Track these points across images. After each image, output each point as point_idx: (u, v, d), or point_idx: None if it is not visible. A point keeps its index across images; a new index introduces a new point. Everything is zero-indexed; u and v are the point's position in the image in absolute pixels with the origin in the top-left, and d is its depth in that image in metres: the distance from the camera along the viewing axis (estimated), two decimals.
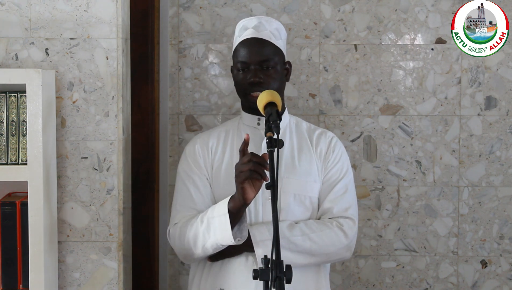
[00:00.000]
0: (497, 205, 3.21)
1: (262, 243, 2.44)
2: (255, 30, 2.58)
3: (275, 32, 2.60)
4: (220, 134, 2.64)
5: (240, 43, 2.59)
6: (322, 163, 2.59)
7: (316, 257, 2.50)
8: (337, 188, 2.57)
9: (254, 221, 2.51)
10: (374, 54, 3.17)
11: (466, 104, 3.19)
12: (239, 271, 2.48)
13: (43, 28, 2.56)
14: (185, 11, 3.17)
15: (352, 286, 3.24)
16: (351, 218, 2.54)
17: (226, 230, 2.37)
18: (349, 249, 2.54)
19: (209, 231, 2.41)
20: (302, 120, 2.73)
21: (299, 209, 2.54)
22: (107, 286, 2.60)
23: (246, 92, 2.55)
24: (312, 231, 2.49)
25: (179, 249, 2.53)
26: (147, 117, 3.03)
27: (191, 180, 2.57)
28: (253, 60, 2.54)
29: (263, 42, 2.57)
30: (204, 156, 2.59)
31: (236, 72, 2.58)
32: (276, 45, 2.58)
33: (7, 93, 2.44)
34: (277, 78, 2.56)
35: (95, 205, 2.59)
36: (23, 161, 2.44)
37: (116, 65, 2.57)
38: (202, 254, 2.47)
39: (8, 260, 2.47)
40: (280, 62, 2.58)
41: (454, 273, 3.23)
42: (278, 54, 2.58)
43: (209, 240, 2.42)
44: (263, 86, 2.51)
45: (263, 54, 2.55)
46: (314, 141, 2.63)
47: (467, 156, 3.20)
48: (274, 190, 2.06)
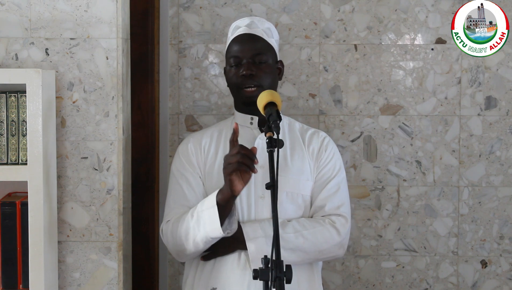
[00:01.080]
0: (497, 205, 3.21)
1: (255, 240, 2.45)
2: (248, 27, 2.62)
3: (267, 31, 2.64)
4: (213, 134, 2.66)
5: (233, 40, 2.63)
6: (314, 162, 2.61)
7: (309, 254, 2.50)
8: (329, 186, 2.58)
9: (247, 219, 2.53)
10: (374, 54, 3.17)
11: (466, 104, 3.19)
12: (232, 270, 2.49)
13: (43, 28, 2.56)
14: (185, 11, 3.17)
15: (352, 286, 3.24)
16: (344, 216, 2.55)
17: (215, 222, 2.38)
18: (342, 247, 2.55)
19: (199, 224, 2.42)
20: (295, 120, 2.75)
21: (292, 207, 2.55)
22: (107, 286, 2.60)
23: (239, 87, 2.58)
24: (304, 229, 2.50)
25: (172, 245, 2.53)
26: (147, 117, 3.03)
27: (184, 178, 2.58)
28: (245, 54, 2.57)
29: (256, 38, 2.61)
30: (197, 154, 2.61)
31: (229, 68, 2.62)
32: (268, 42, 2.61)
33: (7, 93, 2.44)
34: (269, 73, 2.58)
35: (95, 205, 2.59)
36: (23, 161, 2.44)
37: (116, 65, 2.57)
38: (194, 249, 2.48)
39: (8, 260, 2.47)
40: (272, 58, 2.61)
41: (454, 273, 3.23)
42: (270, 50, 2.62)
43: (199, 233, 2.43)
44: (256, 79, 2.54)
45: (255, 47, 2.58)
46: (307, 141, 2.64)
47: (467, 156, 3.20)
48: (274, 190, 2.07)
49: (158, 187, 3.15)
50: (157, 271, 3.17)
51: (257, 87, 2.55)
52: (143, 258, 3.03)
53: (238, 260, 2.50)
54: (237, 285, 2.47)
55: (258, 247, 2.44)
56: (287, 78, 3.17)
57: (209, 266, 2.54)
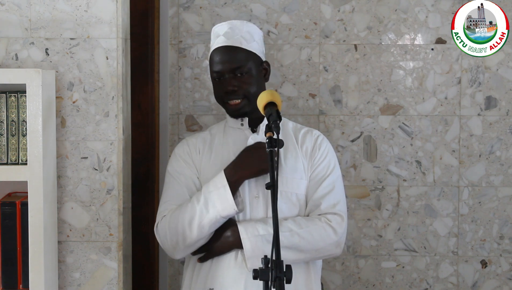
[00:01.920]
0: (497, 205, 3.21)
1: (251, 238, 2.46)
2: (225, 37, 2.61)
3: (246, 35, 2.62)
4: (206, 137, 2.69)
5: (213, 52, 2.64)
6: (308, 160, 2.61)
7: (306, 253, 2.51)
8: (324, 185, 2.58)
9: (242, 218, 2.54)
10: (374, 54, 3.17)
11: (466, 104, 3.19)
12: (228, 269, 2.50)
13: (43, 28, 2.56)
14: (185, 11, 3.17)
15: (352, 286, 3.24)
16: (339, 214, 2.55)
17: (228, 200, 2.46)
18: (339, 245, 2.55)
19: (207, 206, 2.46)
20: (288, 119, 2.75)
21: (286, 206, 2.56)
22: (107, 286, 2.60)
23: (224, 101, 2.62)
24: (300, 227, 2.50)
25: (170, 238, 2.52)
26: (147, 117, 3.03)
27: (182, 176, 2.60)
28: (226, 69, 2.59)
29: (234, 50, 2.60)
30: (193, 155, 2.64)
31: (213, 81, 2.64)
32: (248, 49, 2.61)
33: (7, 93, 2.44)
34: (252, 82, 2.60)
35: (95, 205, 2.59)
36: (23, 161, 2.44)
37: (116, 65, 2.57)
38: (196, 236, 2.48)
39: (8, 260, 2.47)
40: (254, 65, 2.61)
41: (454, 273, 3.23)
42: (251, 58, 2.61)
43: (207, 215, 2.46)
44: (238, 93, 2.59)
45: (235, 61, 2.59)
46: (300, 139, 2.65)
47: (467, 156, 3.20)
48: (274, 190, 2.07)
49: (158, 187, 3.15)
50: (157, 271, 3.17)
51: (242, 99, 2.58)
52: (143, 258, 3.03)
53: (235, 259, 2.50)
54: (234, 284, 2.47)
55: (254, 246, 2.45)
56: (287, 78, 3.18)
57: (206, 267, 2.55)
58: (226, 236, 2.49)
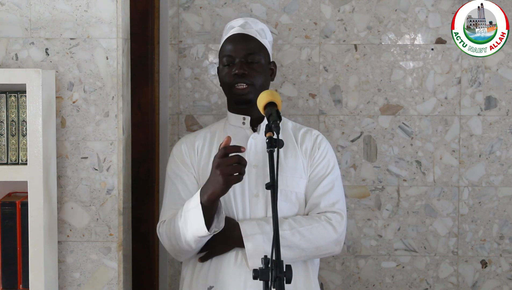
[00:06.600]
0: (497, 205, 3.21)
1: (252, 237, 2.46)
2: (241, 27, 2.65)
3: (260, 31, 2.67)
4: (206, 135, 2.68)
5: (226, 39, 2.66)
6: (307, 160, 2.62)
7: (306, 251, 2.51)
8: (323, 184, 2.59)
9: (242, 217, 2.54)
10: (374, 54, 3.17)
11: (466, 104, 3.19)
12: (229, 268, 2.50)
13: (43, 28, 2.56)
14: (185, 11, 3.17)
15: (352, 286, 3.24)
16: (339, 213, 2.56)
17: (200, 222, 2.38)
18: (339, 243, 2.55)
19: (186, 224, 2.43)
20: (288, 119, 2.75)
21: (286, 204, 2.56)
22: (107, 286, 2.60)
23: (231, 85, 2.59)
24: (300, 225, 2.51)
25: (168, 245, 2.54)
26: (147, 117, 3.03)
27: (179, 178, 2.60)
28: (238, 53, 2.60)
29: (249, 38, 2.63)
30: (191, 155, 2.63)
31: (222, 67, 2.64)
32: (261, 42, 2.64)
33: (7, 93, 2.44)
34: (261, 72, 2.61)
35: (95, 205, 2.59)
36: (23, 161, 2.44)
37: (116, 65, 2.57)
38: (188, 249, 2.49)
39: (8, 260, 2.47)
40: (265, 58, 2.64)
41: (454, 273, 3.23)
42: (263, 51, 2.64)
43: (187, 233, 2.44)
44: (248, 78, 2.57)
45: (248, 47, 2.61)
46: (299, 139, 2.66)
47: (467, 156, 3.20)
48: (274, 190, 2.07)
49: (158, 187, 3.15)
50: (157, 271, 3.17)
51: (248, 85, 2.56)
52: (143, 258, 3.03)
53: (236, 258, 2.51)
54: (234, 283, 2.48)
55: (256, 245, 2.45)
56: (287, 78, 3.18)
57: (206, 265, 2.55)
58: (227, 235, 2.49)
